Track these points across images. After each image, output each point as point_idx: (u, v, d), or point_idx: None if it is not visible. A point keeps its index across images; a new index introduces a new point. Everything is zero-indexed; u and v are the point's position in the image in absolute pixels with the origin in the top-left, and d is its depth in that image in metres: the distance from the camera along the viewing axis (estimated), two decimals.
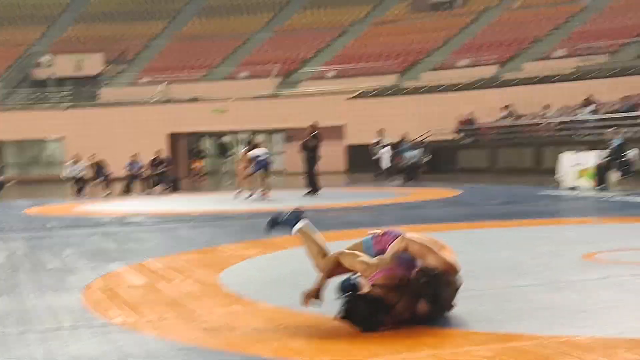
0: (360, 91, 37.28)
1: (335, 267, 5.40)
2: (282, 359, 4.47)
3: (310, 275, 5.44)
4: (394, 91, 36.65)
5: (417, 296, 4.93)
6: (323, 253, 5.66)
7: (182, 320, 5.56)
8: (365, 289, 5.03)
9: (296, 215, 5.89)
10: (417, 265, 5.06)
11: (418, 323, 4.97)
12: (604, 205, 14.25)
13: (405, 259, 5.11)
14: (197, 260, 8.56)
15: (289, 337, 4.95)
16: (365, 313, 4.88)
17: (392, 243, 5.30)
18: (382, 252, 5.33)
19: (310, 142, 20.10)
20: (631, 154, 17.94)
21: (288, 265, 7.86)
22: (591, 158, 18.75)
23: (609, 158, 17.91)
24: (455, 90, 34.77)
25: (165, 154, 29.36)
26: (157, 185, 25.49)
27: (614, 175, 17.94)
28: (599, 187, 17.78)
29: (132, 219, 14.46)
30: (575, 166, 19.00)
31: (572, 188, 18.08)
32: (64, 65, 42.99)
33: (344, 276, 5.31)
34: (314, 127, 20.34)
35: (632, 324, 4.93)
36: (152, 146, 33.31)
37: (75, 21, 47.98)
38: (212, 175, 37.51)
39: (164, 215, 15.02)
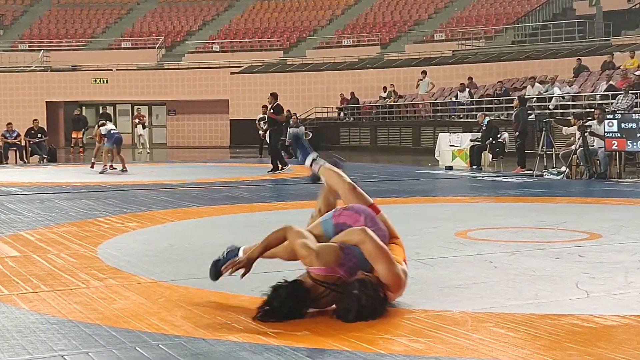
0: (245, 66, 37.06)
1: (278, 241, 4.93)
2: (159, 334, 4.42)
3: (186, 250, 5.41)
4: (279, 67, 36.60)
5: (343, 301, 4.61)
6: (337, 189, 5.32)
7: (57, 294, 5.43)
8: (302, 276, 4.78)
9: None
10: (359, 271, 4.70)
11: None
12: (476, 184, 14.66)
13: (350, 260, 4.73)
14: (74, 233, 8.35)
15: (166, 311, 4.90)
16: (291, 300, 4.57)
17: (351, 228, 4.89)
18: (341, 226, 4.95)
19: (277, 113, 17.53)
20: (503, 136, 18.49)
21: (165, 240, 7.77)
22: (466, 139, 19.30)
23: (481, 140, 18.44)
24: (339, 69, 35.04)
25: (42, 123, 28.43)
26: (33, 155, 24.71)
27: (487, 156, 18.49)
28: (472, 167, 18.31)
29: (6, 189, 13.95)
30: (451, 146, 19.50)
31: (448, 167, 18.53)
32: None
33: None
34: (275, 97, 17.73)
35: (499, 300, 5.10)
36: (29, 115, 32.27)
37: None
38: (92, 147, 36.53)
39: (39, 186, 14.57)
